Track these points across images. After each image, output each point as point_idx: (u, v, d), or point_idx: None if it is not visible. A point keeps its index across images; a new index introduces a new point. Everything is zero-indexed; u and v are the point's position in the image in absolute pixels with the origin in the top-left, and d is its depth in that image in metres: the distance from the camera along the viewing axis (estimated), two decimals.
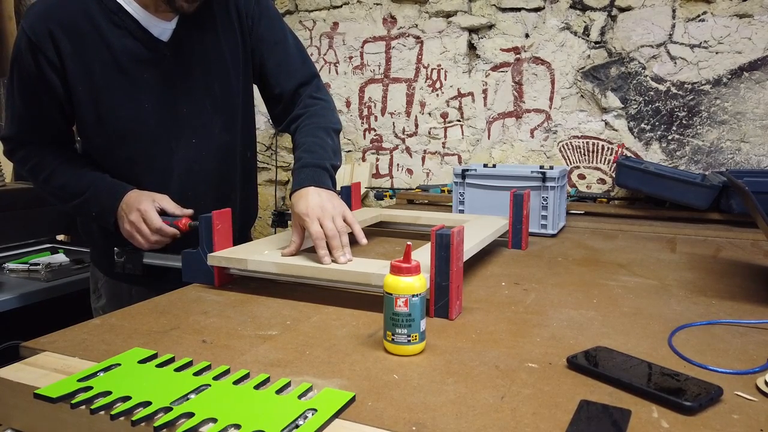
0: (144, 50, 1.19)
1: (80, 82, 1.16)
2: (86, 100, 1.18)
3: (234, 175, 1.37)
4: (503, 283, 1.19)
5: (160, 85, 1.21)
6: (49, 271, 1.66)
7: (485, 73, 2.44)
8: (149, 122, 1.22)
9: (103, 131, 1.21)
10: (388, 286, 0.83)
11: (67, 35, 1.14)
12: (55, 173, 1.23)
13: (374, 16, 2.62)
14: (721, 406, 0.68)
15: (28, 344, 0.86)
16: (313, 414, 0.63)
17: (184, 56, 1.23)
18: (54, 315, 1.62)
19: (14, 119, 1.24)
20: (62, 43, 1.14)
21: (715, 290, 1.15)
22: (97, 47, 1.16)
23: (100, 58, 1.16)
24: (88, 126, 1.21)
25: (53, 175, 1.23)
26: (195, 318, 0.98)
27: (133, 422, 0.62)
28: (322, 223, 1.09)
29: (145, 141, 1.23)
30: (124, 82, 1.18)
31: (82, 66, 1.16)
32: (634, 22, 2.18)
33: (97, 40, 1.15)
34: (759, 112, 2.05)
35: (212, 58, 1.26)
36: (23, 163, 1.27)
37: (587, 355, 0.80)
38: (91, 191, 1.21)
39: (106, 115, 1.19)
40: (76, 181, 1.22)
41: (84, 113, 1.19)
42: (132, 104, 1.19)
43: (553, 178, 1.65)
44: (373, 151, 2.70)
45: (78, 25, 1.14)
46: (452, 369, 0.78)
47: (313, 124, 1.28)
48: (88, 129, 1.22)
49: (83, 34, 1.15)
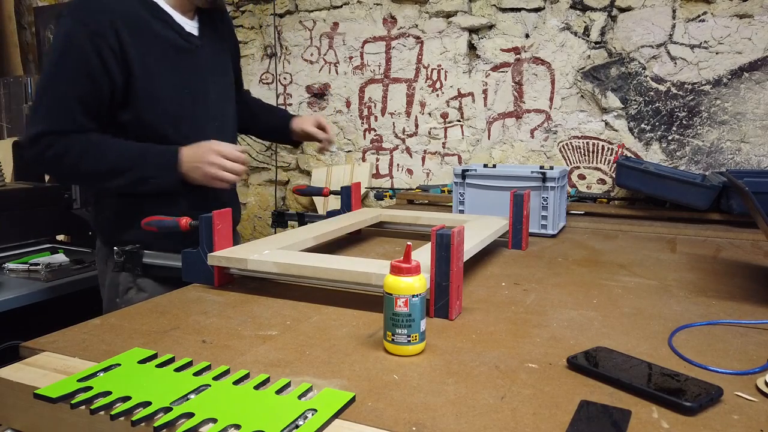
0: (182, 41, 1.36)
1: (138, 66, 1.29)
2: (142, 84, 1.30)
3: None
4: (503, 283, 1.19)
5: (195, 73, 1.39)
6: (49, 271, 1.66)
7: (485, 73, 2.44)
8: (189, 105, 1.38)
9: (153, 110, 1.33)
10: (388, 286, 0.83)
11: (126, 25, 1.27)
12: (99, 154, 1.29)
13: (374, 16, 2.62)
14: (721, 406, 0.68)
15: (28, 344, 0.86)
16: (313, 414, 0.64)
17: (209, 50, 1.42)
18: (54, 315, 1.62)
19: (59, 112, 1.26)
20: (122, 32, 1.26)
21: (715, 290, 1.15)
22: (149, 36, 1.31)
23: (152, 45, 1.31)
24: (141, 106, 1.32)
25: (104, 155, 1.29)
26: (195, 318, 0.98)
27: (133, 422, 0.62)
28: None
29: (186, 121, 1.38)
30: (171, 67, 1.34)
31: (139, 52, 1.29)
32: (634, 22, 2.18)
33: (147, 30, 1.31)
34: (759, 113, 2.06)
35: (224, 56, 1.48)
36: (61, 155, 1.27)
37: (587, 355, 0.80)
38: (142, 161, 1.30)
39: (159, 96, 1.33)
40: (123, 156, 1.30)
41: (140, 95, 1.31)
42: (178, 88, 1.36)
43: (553, 179, 1.65)
44: (373, 151, 2.70)
45: (132, 17, 1.29)
46: (452, 369, 0.78)
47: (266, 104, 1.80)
48: (141, 109, 1.32)
49: (137, 24, 1.30)
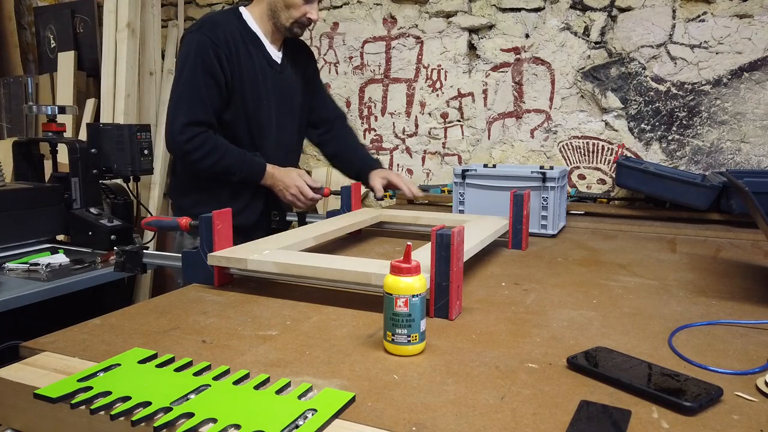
0: (267, 66, 1.68)
1: (235, 80, 1.61)
2: (236, 96, 1.63)
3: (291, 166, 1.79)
4: (503, 283, 1.19)
5: (272, 92, 1.70)
6: (49, 271, 1.66)
7: (485, 73, 2.44)
8: (266, 116, 1.69)
9: (239, 118, 1.65)
10: (388, 286, 0.83)
11: (234, 42, 1.60)
12: (225, 156, 1.60)
13: (374, 17, 2.62)
14: (721, 406, 0.68)
15: (28, 344, 0.86)
16: (313, 414, 0.63)
17: (285, 75, 1.74)
18: (54, 315, 1.62)
19: (196, 105, 1.57)
20: (232, 47, 1.59)
21: (715, 290, 1.15)
22: (245, 58, 1.62)
23: (246, 65, 1.63)
24: (233, 113, 1.64)
25: (224, 156, 1.60)
26: (195, 318, 0.98)
27: (133, 422, 0.62)
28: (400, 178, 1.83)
29: (261, 128, 1.69)
30: (257, 85, 1.65)
31: (238, 69, 1.61)
32: (634, 22, 2.18)
33: (245, 53, 1.62)
34: (759, 113, 2.05)
35: (295, 82, 1.78)
36: (200, 146, 1.57)
37: (587, 355, 0.80)
38: (245, 169, 1.63)
39: (246, 108, 1.64)
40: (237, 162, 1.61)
41: (233, 104, 1.63)
42: (259, 102, 1.66)
43: (553, 179, 1.65)
44: (373, 151, 2.70)
45: (236, 39, 1.61)
46: (452, 369, 0.78)
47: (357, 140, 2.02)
48: (232, 115, 1.64)
49: (238, 46, 1.61)
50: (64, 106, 2.04)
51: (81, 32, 3.21)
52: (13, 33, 3.51)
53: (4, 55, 3.53)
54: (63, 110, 2.03)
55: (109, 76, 2.83)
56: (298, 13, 1.62)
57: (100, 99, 2.88)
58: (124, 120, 2.76)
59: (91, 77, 3.18)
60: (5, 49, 3.52)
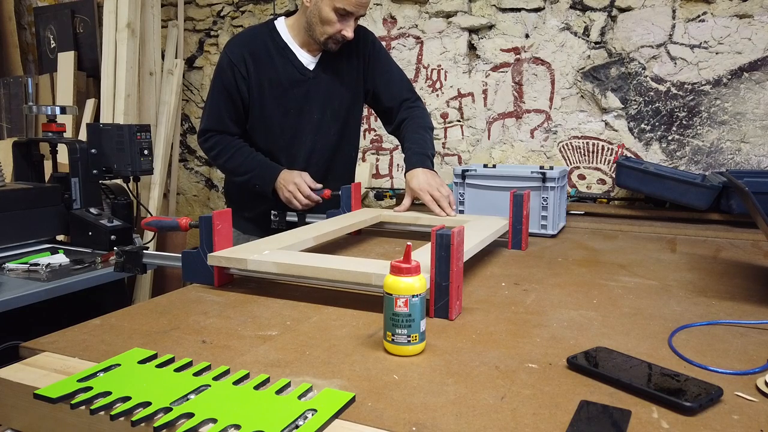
0: (297, 74, 1.73)
1: (256, 92, 1.71)
2: (257, 106, 1.72)
3: (337, 166, 1.86)
4: (503, 283, 1.19)
5: (302, 98, 1.74)
6: (49, 271, 1.66)
7: (485, 73, 2.44)
8: (291, 122, 1.75)
9: (262, 126, 1.75)
10: (388, 286, 0.83)
11: (253, 60, 1.69)
12: (234, 156, 1.72)
13: (374, 17, 2.61)
14: (721, 406, 0.68)
15: (28, 344, 0.86)
16: (313, 414, 0.63)
17: (320, 80, 1.75)
18: (54, 315, 1.62)
19: (213, 115, 1.73)
20: (249, 65, 1.69)
21: (715, 290, 1.15)
22: (268, 70, 1.70)
23: (269, 77, 1.71)
24: (255, 123, 1.74)
25: (233, 157, 1.72)
26: (195, 318, 0.98)
27: (132, 422, 0.62)
28: (431, 193, 1.60)
29: (286, 134, 1.76)
30: (281, 94, 1.72)
31: (258, 82, 1.70)
32: (634, 22, 2.18)
33: (269, 65, 1.71)
34: (759, 113, 2.06)
35: (336, 84, 1.78)
36: (212, 148, 1.74)
37: (587, 355, 0.80)
38: (256, 171, 1.71)
39: (267, 116, 1.73)
40: (246, 163, 1.72)
41: (254, 114, 1.73)
42: (282, 110, 1.73)
43: (553, 179, 1.65)
44: (373, 151, 2.70)
45: (260, 54, 1.70)
46: (452, 369, 0.78)
47: (415, 124, 1.80)
48: (254, 124, 1.75)
49: (262, 60, 1.70)
50: (64, 106, 2.04)
51: (81, 32, 3.21)
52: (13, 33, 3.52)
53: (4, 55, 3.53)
54: (63, 110, 2.03)
55: (109, 76, 2.83)
56: (332, 29, 1.63)
57: (100, 99, 2.89)
58: (124, 120, 2.77)
59: (91, 77, 3.18)
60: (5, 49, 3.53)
